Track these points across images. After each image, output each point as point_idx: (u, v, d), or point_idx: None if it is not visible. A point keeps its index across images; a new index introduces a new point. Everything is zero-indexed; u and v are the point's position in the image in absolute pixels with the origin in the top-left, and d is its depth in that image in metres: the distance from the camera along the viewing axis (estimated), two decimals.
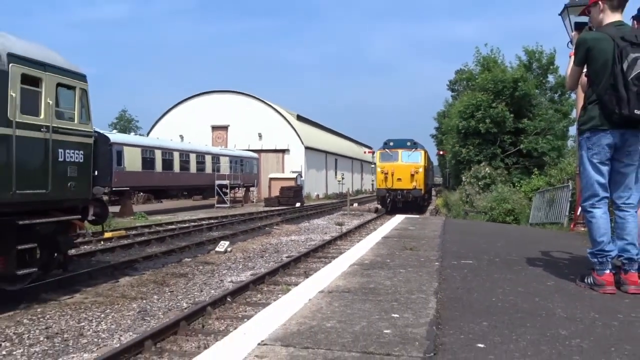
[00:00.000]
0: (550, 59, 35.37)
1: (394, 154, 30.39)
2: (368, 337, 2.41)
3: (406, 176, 29.53)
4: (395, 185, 29.56)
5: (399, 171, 29.73)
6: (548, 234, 9.73)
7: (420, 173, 29.97)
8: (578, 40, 3.83)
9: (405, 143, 30.93)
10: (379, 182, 30.78)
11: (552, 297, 3.45)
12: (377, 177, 31.19)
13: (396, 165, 29.97)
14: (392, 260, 4.77)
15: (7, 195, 7.63)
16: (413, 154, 30.35)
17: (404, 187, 29.42)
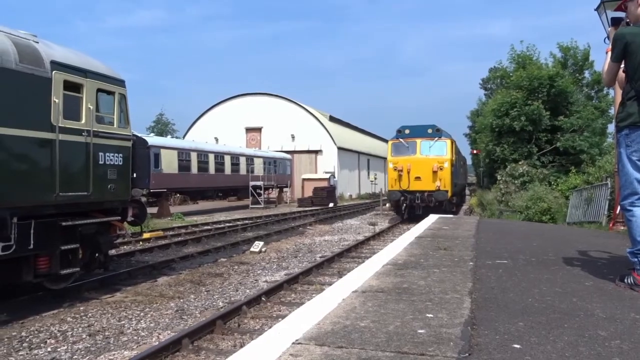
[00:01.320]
0: (586, 55, 34.47)
1: (411, 145, 23.23)
2: (402, 337, 2.43)
3: (427, 174, 22.57)
4: (413, 185, 22.65)
5: (418, 167, 22.69)
6: (586, 233, 9.50)
7: (446, 169, 22.70)
8: (615, 36, 3.75)
9: (425, 130, 23.48)
10: (390, 181, 23.35)
11: (591, 297, 3.39)
12: (389, 176, 23.61)
13: (413, 159, 22.85)
14: (426, 260, 4.76)
15: (51, 197, 7.92)
16: (436, 144, 23.00)
17: (424, 188, 22.49)
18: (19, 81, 7.48)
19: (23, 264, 7.84)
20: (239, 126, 50.60)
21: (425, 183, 22.59)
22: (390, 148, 23.95)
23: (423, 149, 23.08)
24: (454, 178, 23.92)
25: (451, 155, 23.03)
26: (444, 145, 23.08)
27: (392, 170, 23.20)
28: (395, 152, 23.53)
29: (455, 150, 24.45)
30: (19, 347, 6.48)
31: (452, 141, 23.82)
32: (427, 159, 22.76)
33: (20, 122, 7.44)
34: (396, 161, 23.13)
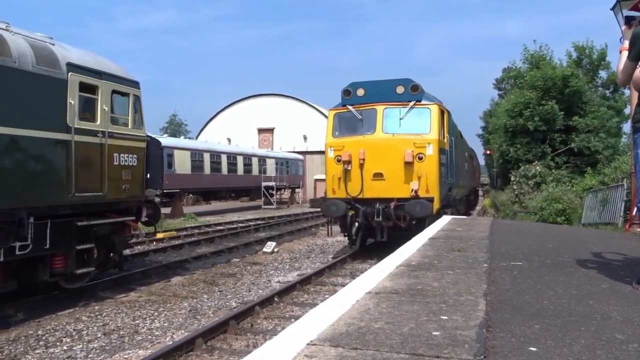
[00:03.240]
0: (602, 55, 34.06)
1: (367, 117, 12.87)
2: (417, 338, 2.42)
3: (395, 167, 12.26)
4: (369, 190, 12.36)
5: (378, 156, 12.36)
6: (602, 234, 9.40)
7: (430, 159, 12.26)
8: (634, 35, 3.71)
9: (392, 89, 12.82)
10: (330, 183, 12.92)
11: (608, 300, 3.36)
12: (328, 172, 13.10)
13: (370, 141, 12.51)
14: (440, 262, 4.74)
15: (67, 197, 8.01)
16: (412, 114, 12.61)
17: (388, 193, 12.22)
18: (35, 83, 7.58)
19: (39, 264, 7.95)
20: (252, 127, 50.77)
21: (392, 184, 12.10)
22: (332, 123, 13.15)
23: (388, 122, 12.48)
24: (447, 174, 13.54)
25: (439, 134, 12.45)
26: (426, 116, 12.41)
27: (333, 163, 12.64)
28: (340, 130, 13.14)
29: (448, 127, 13.64)
30: (35, 346, 6.56)
31: (441, 109, 12.95)
32: (394, 140, 12.23)
33: (37, 123, 7.54)
34: (340, 145, 12.61)
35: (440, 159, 12.46)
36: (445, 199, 13.28)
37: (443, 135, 13.13)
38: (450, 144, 14.20)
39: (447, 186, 13.60)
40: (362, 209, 12.05)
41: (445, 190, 13.23)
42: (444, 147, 13.02)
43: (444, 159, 13.08)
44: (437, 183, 12.14)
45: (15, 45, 7.32)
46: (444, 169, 12.89)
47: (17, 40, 7.45)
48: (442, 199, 12.68)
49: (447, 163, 13.62)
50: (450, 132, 14.32)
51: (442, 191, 12.66)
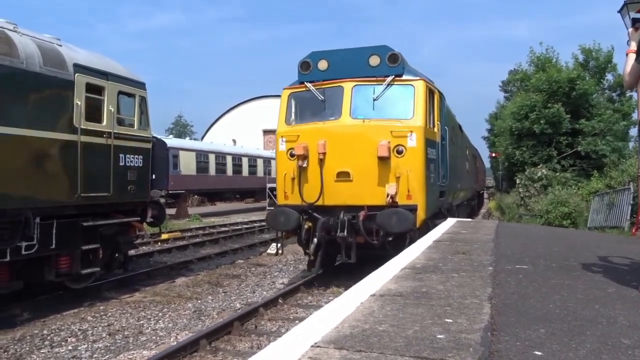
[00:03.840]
0: (609, 58, 33.89)
1: (331, 97, 9.73)
2: (421, 341, 2.42)
3: (366, 164, 9.09)
4: (332, 195, 9.21)
5: (344, 149, 9.18)
6: (608, 238, 9.36)
7: (413, 152, 9.11)
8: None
9: (364, 60, 9.57)
10: (280, 186, 9.85)
11: (614, 304, 3.34)
12: (278, 171, 10.05)
13: (334, 130, 9.39)
14: (445, 265, 4.72)
15: (72, 198, 8.05)
16: (389, 92, 9.52)
17: (357, 200, 9.10)
18: (43, 84, 7.62)
19: (45, 264, 7.98)
20: (257, 128, 50.86)
21: (361, 187, 9.17)
22: (285, 105, 10.33)
23: (358, 104, 9.53)
24: (437, 174, 10.37)
25: (425, 120, 9.48)
26: (409, 96, 9.52)
27: (285, 159, 9.79)
28: (296, 115, 10.40)
29: (439, 112, 10.55)
30: (40, 345, 6.59)
31: (429, 88, 9.96)
32: (366, 128, 9.33)
33: (44, 124, 7.58)
34: (294, 135, 9.72)
35: (427, 153, 9.32)
36: (434, 206, 10.01)
37: (432, 122, 9.86)
38: (442, 134, 10.65)
39: (437, 190, 10.28)
40: (321, 221, 8.93)
41: (434, 195, 9.96)
42: (432, 139, 9.80)
43: (433, 154, 9.79)
44: (422, 185, 9.03)
45: (23, 46, 7.36)
46: (432, 166, 9.72)
47: (25, 41, 7.50)
48: (430, 206, 9.45)
49: (438, 159, 10.24)
50: (444, 119, 10.88)
51: (430, 196, 9.43)
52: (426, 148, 9.25)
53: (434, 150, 9.94)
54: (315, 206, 9.20)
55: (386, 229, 8.69)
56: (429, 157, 9.47)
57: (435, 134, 10.16)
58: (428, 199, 9.30)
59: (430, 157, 9.53)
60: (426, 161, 9.22)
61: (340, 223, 8.88)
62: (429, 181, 9.37)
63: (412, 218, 8.67)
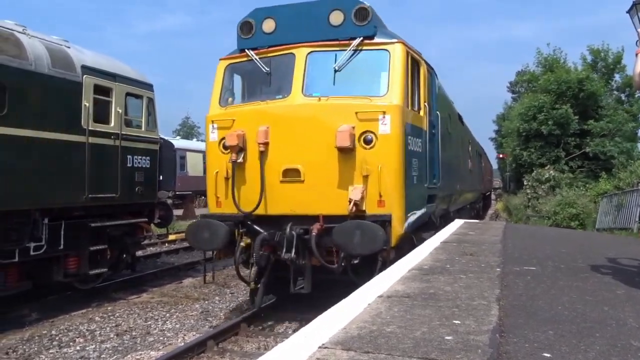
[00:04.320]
0: (618, 58, 33.70)
1: (280, 68, 7.34)
2: (429, 343, 2.41)
3: (320, 158, 6.73)
4: (277, 200, 6.88)
5: (292, 137, 6.84)
6: (616, 240, 9.30)
7: (387, 142, 6.62)
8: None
9: (324, 16, 7.11)
10: (211, 188, 7.32)
11: (623, 306, 3.31)
12: (208, 168, 7.53)
13: (280, 111, 7.04)
14: (452, 266, 4.71)
15: (80, 199, 8.09)
16: (356, 61, 7.08)
17: (309, 208, 6.74)
18: (51, 85, 7.67)
19: (53, 264, 8.03)
20: None
21: (315, 190, 6.81)
22: (220, 81, 7.76)
23: (314, 76, 7.22)
24: (425, 173, 7.84)
25: (404, 97, 6.99)
26: (381, 65, 7.11)
27: (217, 152, 7.36)
28: (233, 93, 8.10)
29: (427, 90, 8.09)
30: (49, 345, 6.63)
31: (411, 55, 7.47)
32: (322, 108, 6.97)
33: (52, 125, 7.63)
34: (228, 121, 7.31)
35: (409, 143, 6.93)
36: (418, 215, 7.30)
37: (416, 103, 7.56)
38: (433, 121, 8.19)
39: (423, 193, 7.70)
40: (260, 236, 6.67)
41: (418, 200, 7.43)
42: (417, 125, 7.43)
43: (418, 145, 7.42)
44: (399, 188, 6.66)
45: (31, 47, 7.42)
46: (417, 162, 7.30)
47: (34, 43, 7.55)
48: (411, 216, 7.03)
49: (426, 153, 7.77)
50: (435, 103, 8.47)
51: (412, 203, 7.02)
52: (406, 136, 6.78)
53: (419, 140, 7.47)
54: (256, 216, 6.89)
55: (346, 249, 6.31)
56: (411, 150, 7.03)
57: (421, 120, 7.63)
58: (409, 206, 6.86)
59: (412, 149, 7.09)
60: (406, 154, 6.77)
61: (286, 239, 6.58)
62: (410, 182, 6.92)
63: (382, 235, 6.17)
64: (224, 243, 6.88)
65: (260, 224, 6.92)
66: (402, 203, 6.72)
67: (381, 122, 6.61)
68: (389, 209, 6.55)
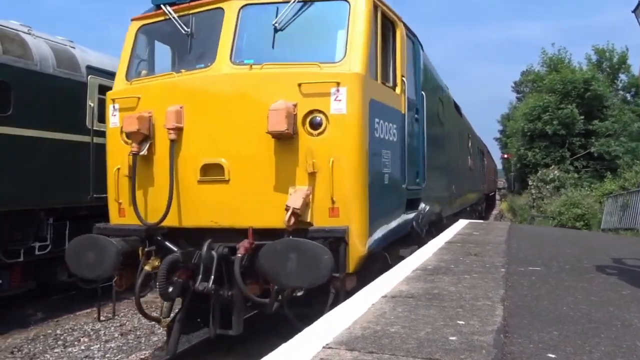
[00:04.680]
0: (622, 58, 33.61)
1: (204, 28, 5.48)
2: (433, 343, 2.41)
3: (250, 149, 4.91)
4: (193, 208, 5.07)
5: (214, 120, 5.00)
6: (622, 240, 9.26)
7: (342, 125, 4.74)
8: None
9: None
10: (112, 192, 5.55)
11: (628, 306, 3.30)
12: (108, 164, 5.54)
13: (199, 86, 5.13)
14: (456, 266, 4.70)
15: (85, 198, 8.11)
16: (300, 20, 5.15)
17: (236, 218, 4.90)
18: (56, 85, 7.69)
19: (58, 264, 8.05)
20: None
21: (245, 194, 4.95)
22: (130, 47, 5.85)
23: (248, 38, 5.35)
24: (402, 169, 5.91)
25: (367, 65, 5.02)
26: (338, 19, 5.21)
27: (118, 141, 5.44)
28: (143, 63, 6.03)
29: (402, 60, 6.03)
30: (54, 345, 6.65)
31: (376, 6, 5.41)
32: (253, 80, 5.11)
33: (57, 125, 7.66)
34: (131, 100, 5.38)
35: (377, 128, 5.21)
36: (392, 227, 5.57)
37: (388, 75, 5.82)
38: (415, 103, 6.58)
39: (399, 197, 5.92)
40: (169, 258, 4.98)
41: (390, 206, 5.67)
42: (388, 104, 5.62)
43: (392, 133, 5.62)
44: (358, 189, 4.88)
45: (36, 48, 7.45)
46: (390, 155, 5.54)
47: (39, 43, 7.58)
48: (380, 228, 5.26)
49: (404, 143, 5.95)
50: (418, 79, 6.82)
51: (379, 210, 5.20)
52: (371, 118, 4.97)
53: (394, 126, 5.59)
54: (169, 230, 5.15)
55: (276, 280, 4.52)
56: (380, 138, 5.21)
57: (397, 99, 5.80)
58: (376, 215, 5.02)
59: (382, 136, 5.26)
60: (371, 143, 4.95)
61: (203, 261, 4.83)
62: (377, 182, 5.12)
63: (328, 259, 4.30)
64: (112, 268, 4.96)
65: (176, 240, 5.11)
66: (365, 211, 4.82)
67: (334, 98, 4.73)
68: (345, 219, 4.67)
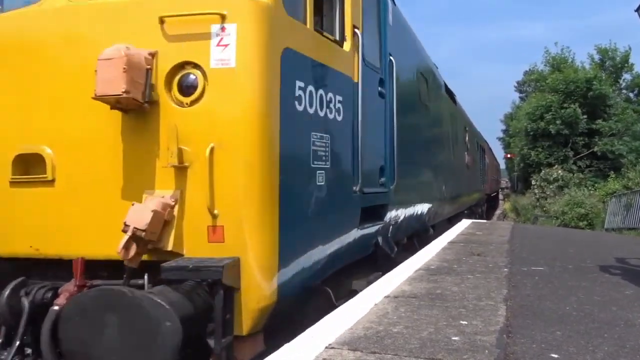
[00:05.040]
0: (625, 57, 33.58)
1: None
2: (436, 343, 2.40)
3: (94, 132, 3.16)
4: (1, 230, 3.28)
5: (42, 85, 3.25)
6: (625, 240, 9.24)
7: (238, 88, 3.01)
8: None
9: None
10: None
11: (632, 306, 3.29)
12: None
13: (8, 29, 3.40)
14: (459, 266, 4.70)
15: None
16: None
17: (69, 244, 3.13)
18: None
19: None
20: None
21: (78, 203, 3.19)
22: None
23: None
24: (357, 165, 4.18)
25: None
26: None
27: None
28: None
29: (361, 3, 4.38)
30: None
31: None
32: (95, 16, 3.27)
33: None
34: None
35: (298, 95, 3.39)
36: (333, 253, 3.84)
37: (328, 22, 4.13)
38: (380, 67, 4.99)
39: (345, 205, 4.10)
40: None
41: (329, 218, 3.80)
42: (327, 63, 3.84)
43: (330, 106, 3.83)
44: (257, 195, 3.07)
45: None
46: (327, 142, 3.77)
47: None
48: (302, 255, 3.42)
49: (357, 125, 4.24)
50: (385, 39, 5.18)
51: (302, 229, 3.46)
52: (287, 80, 3.30)
53: (338, 97, 3.98)
54: None
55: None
56: (308, 113, 3.57)
57: (344, 58, 4.16)
58: (296, 235, 3.37)
59: (312, 112, 3.61)
60: (287, 120, 3.28)
61: (3, 315, 3.11)
62: (301, 182, 3.52)
63: (170, 332, 2.61)
64: None
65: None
66: (270, 230, 3.10)
67: (217, 42, 3.09)
68: (235, 245, 3.03)
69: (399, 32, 5.70)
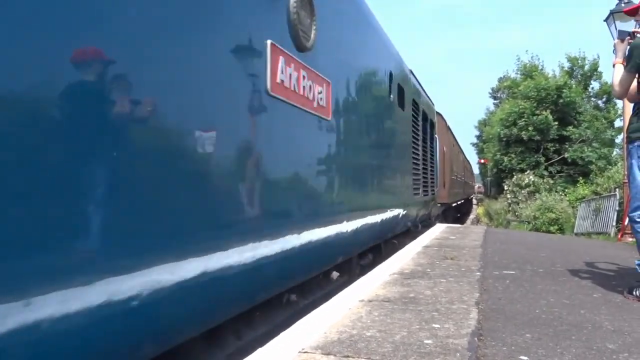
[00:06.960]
0: (594, 66, 34.46)
1: None
2: (408, 347, 2.42)
3: None
4: None
5: None
6: (594, 244, 9.44)
7: None
8: (631, 47, 3.72)
9: None
10: None
11: (599, 309, 3.37)
12: None
13: None
14: (433, 270, 4.74)
15: None
16: None
17: None
18: None
19: None
20: None
21: None
22: None
23: None
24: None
25: None
26: None
27: None
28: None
29: None
30: None
31: None
32: None
33: None
34: None
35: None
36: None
37: None
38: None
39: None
40: None
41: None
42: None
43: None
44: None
45: None
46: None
47: None
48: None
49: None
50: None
51: None
52: None
53: None
54: None
55: None
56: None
57: None
58: None
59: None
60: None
61: None
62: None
63: None
64: None
65: None
66: None
67: None
68: None
69: None
